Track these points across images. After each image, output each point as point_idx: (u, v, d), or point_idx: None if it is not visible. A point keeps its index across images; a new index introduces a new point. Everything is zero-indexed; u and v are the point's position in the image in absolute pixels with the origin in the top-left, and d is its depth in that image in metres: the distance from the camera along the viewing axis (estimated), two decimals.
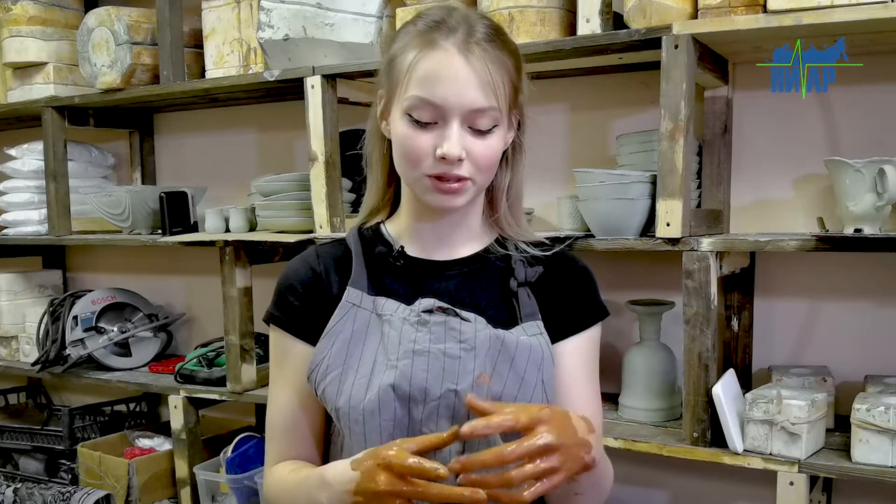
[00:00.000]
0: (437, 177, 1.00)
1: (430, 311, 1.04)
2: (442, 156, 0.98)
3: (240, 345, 1.98)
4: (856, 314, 1.67)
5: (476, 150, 1.00)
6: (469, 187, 1.02)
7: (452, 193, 1.01)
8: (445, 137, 0.98)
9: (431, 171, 1.00)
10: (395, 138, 1.03)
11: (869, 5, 1.30)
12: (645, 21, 1.49)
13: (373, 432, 0.99)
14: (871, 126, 1.61)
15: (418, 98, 0.98)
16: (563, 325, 1.10)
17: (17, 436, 2.45)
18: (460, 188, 1.01)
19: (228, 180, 2.41)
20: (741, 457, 1.45)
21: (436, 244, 1.10)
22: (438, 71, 0.98)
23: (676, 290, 1.57)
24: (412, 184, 1.04)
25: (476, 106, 0.98)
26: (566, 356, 1.09)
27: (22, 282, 2.60)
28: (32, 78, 2.36)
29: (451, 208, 1.03)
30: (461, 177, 1.00)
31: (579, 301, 1.12)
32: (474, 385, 0.99)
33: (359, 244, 1.12)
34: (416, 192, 1.04)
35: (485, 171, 1.03)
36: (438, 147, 0.98)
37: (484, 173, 1.03)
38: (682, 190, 1.45)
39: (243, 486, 1.99)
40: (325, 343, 1.05)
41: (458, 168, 0.99)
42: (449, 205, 1.02)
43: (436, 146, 0.98)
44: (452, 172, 0.99)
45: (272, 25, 1.84)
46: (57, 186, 2.32)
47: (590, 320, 1.12)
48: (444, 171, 0.99)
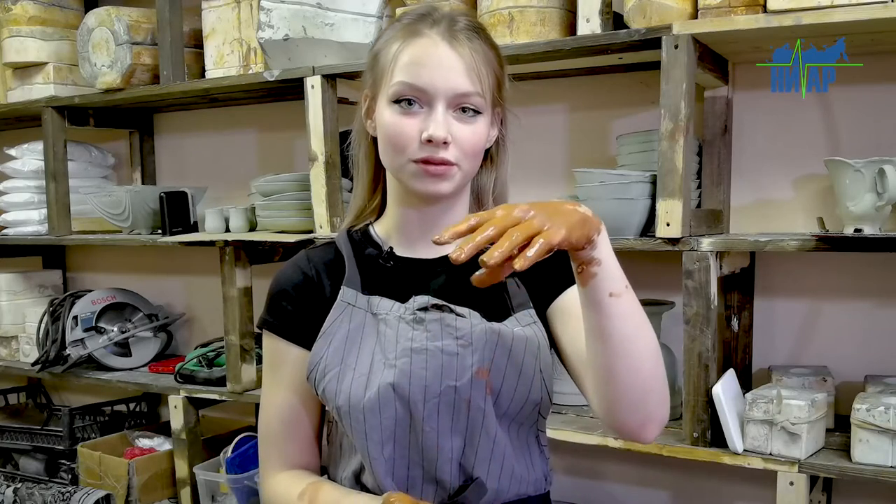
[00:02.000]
0: (424, 161, 1.00)
1: (425, 309, 1.04)
2: (428, 138, 0.98)
3: (240, 345, 1.98)
4: (856, 314, 1.67)
5: (462, 134, 1.00)
6: (455, 172, 1.01)
7: (438, 177, 1.00)
8: (431, 120, 0.98)
9: (417, 155, 1.00)
10: (380, 128, 1.03)
11: (869, 5, 1.30)
12: (645, 21, 1.49)
13: (373, 430, 0.99)
14: (871, 126, 1.61)
15: (404, 84, 0.99)
16: (550, 287, 1.08)
17: (17, 436, 2.45)
18: (446, 172, 1.00)
19: (228, 180, 2.41)
20: (741, 457, 1.45)
21: (423, 240, 1.09)
22: (423, 56, 0.99)
23: (676, 290, 1.57)
24: (398, 171, 1.04)
25: (461, 90, 0.99)
26: (566, 313, 1.06)
27: (22, 282, 2.60)
28: (32, 78, 2.36)
29: (437, 194, 1.03)
30: (447, 160, 1.00)
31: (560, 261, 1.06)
32: (473, 380, 1.00)
33: (349, 246, 1.12)
34: (403, 180, 1.04)
35: (470, 157, 1.02)
36: (424, 130, 0.98)
37: (469, 159, 1.02)
38: (682, 190, 1.45)
39: (243, 486, 1.99)
40: (322, 343, 1.05)
41: (443, 151, 0.99)
42: (434, 189, 1.02)
43: (422, 130, 0.99)
44: (438, 155, 0.99)
45: (272, 25, 1.84)
46: (57, 186, 2.32)
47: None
48: (429, 155, 0.99)
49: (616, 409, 0.93)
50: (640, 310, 0.90)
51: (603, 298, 0.86)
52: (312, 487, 1.06)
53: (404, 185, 1.05)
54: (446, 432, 1.00)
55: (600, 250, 0.84)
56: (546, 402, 1.05)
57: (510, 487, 1.03)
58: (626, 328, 0.88)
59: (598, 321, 0.87)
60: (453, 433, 1.00)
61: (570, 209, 0.82)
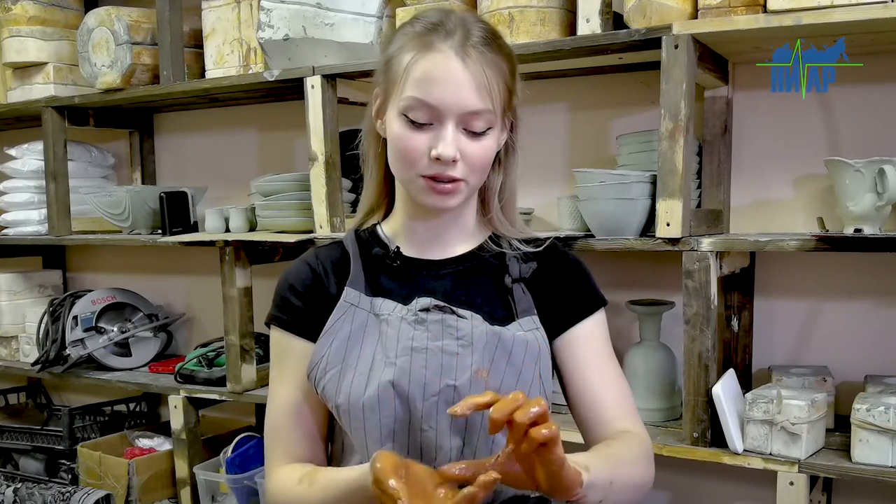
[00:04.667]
0: (432, 177, 1.01)
1: (427, 310, 1.04)
2: (437, 156, 0.99)
3: (240, 345, 1.98)
4: (856, 314, 1.67)
5: (470, 151, 1.01)
6: (462, 188, 1.03)
7: (446, 194, 1.02)
8: (440, 138, 0.99)
9: (426, 171, 1.01)
10: (390, 138, 1.04)
11: (869, 5, 1.30)
12: (645, 21, 1.49)
13: (373, 428, 1.00)
14: (871, 126, 1.61)
15: (415, 99, 0.99)
16: (562, 316, 1.10)
17: (17, 436, 2.45)
18: (454, 189, 1.02)
19: (228, 180, 2.41)
20: (741, 457, 1.45)
21: (430, 243, 1.11)
22: (435, 73, 0.99)
23: (676, 290, 1.57)
24: (407, 184, 1.06)
25: (471, 108, 0.99)
26: (574, 346, 1.09)
27: (22, 282, 2.60)
28: (32, 78, 2.36)
29: (444, 209, 1.05)
30: (455, 178, 1.01)
31: (574, 291, 1.12)
32: (472, 380, 1.00)
33: (356, 246, 1.13)
34: (411, 193, 1.06)
35: (478, 173, 1.04)
36: (433, 148, 0.99)
37: (477, 174, 1.04)
38: (682, 190, 1.45)
39: (243, 486, 1.99)
40: (324, 342, 1.05)
41: (451, 169, 1.00)
42: (442, 205, 1.04)
43: (431, 147, 1.00)
44: (446, 173, 1.01)
45: (272, 25, 1.84)
46: (57, 186, 2.32)
47: (588, 308, 1.12)
48: (438, 172, 1.01)
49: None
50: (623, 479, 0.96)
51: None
52: (311, 471, 1.07)
53: (412, 197, 1.06)
54: (445, 431, 1.00)
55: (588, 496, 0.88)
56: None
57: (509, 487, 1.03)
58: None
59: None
60: (452, 432, 1.00)
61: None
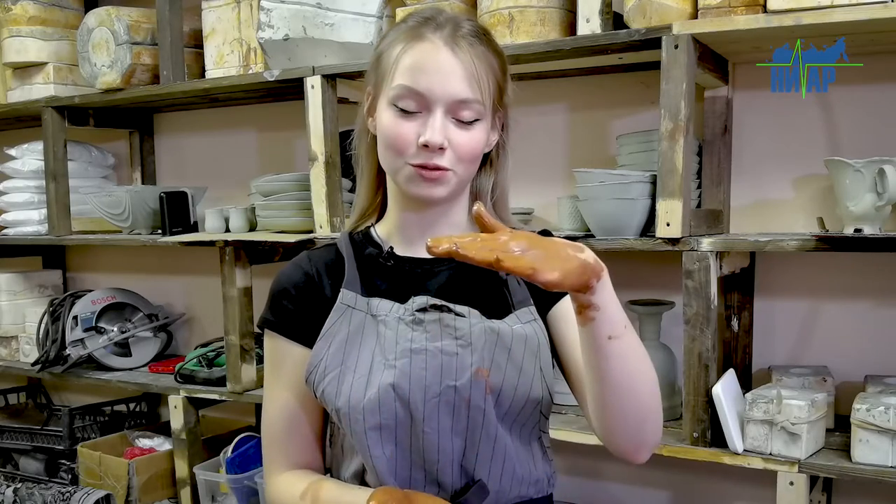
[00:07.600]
0: (420, 165, 1.01)
1: (423, 310, 1.04)
2: (424, 143, 0.99)
3: (240, 345, 1.98)
4: (856, 314, 1.67)
5: (458, 140, 1.01)
6: (450, 178, 1.02)
7: (433, 182, 1.01)
8: (428, 125, 0.99)
9: (414, 159, 1.00)
10: (380, 129, 1.04)
11: (869, 5, 1.30)
12: (645, 21, 1.49)
13: (374, 431, 0.99)
14: (871, 126, 1.61)
15: (403, 87, 1.00)
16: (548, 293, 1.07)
17: (17, 436, 2.45)
18: (440, 177, 1.01)
19: (228, 180, 2.41)
20: (741, 457, 1.45)
21: (422, 240, 1.10)
22: (424, 61, 0.99)
23: (676, 290, 1.57)
24: (395, 173, 1.05)
25: (460, 96, 0.99)
26: (562, 322, 1.08)
27: (22, 282, 2.60)
28: (32, 78, 2.36)
29: (431, 198, 1.04)
30: (441, 166, 1.00)
31: None
32: (473, 379, 1.00)
33: (350, 247, 1.12)
34: (399, 183, 1.05)
35: (466, 163, 1.03)
36: (421, 135, 0.99)
37: (465, 164, 1.03)
38: (682, 190, 1.45)
39: (243, 486, 1.99)
40: (322, 345, 1.05)
41: (439, 157, 1.00)
42: (428, 194, 1.02)
43: (419, 134, 1.00)
44: (433, 161, 1.00)
45: (272, 25, 1.84)
46: (57, 186, 2.32)
47: None
48: (425, 160, 1.00)
49: (612, 434, 0.96)
50: (638, 346, 0.92)
51: (601, 341, 0.88)
52: (314, 486, 1.07)
53: (400, 188, 1.05)
54: (447, 433, 1.00)
55: (599, 296, 0.85)
56: (547, 400, 1.05)
57: (511, 489, 1.03)
58: (624, 367, 0.90)
59: (596, 361, 0.90)
60: (454, 434, 1.00)
61: (569, 254, 0.83)
